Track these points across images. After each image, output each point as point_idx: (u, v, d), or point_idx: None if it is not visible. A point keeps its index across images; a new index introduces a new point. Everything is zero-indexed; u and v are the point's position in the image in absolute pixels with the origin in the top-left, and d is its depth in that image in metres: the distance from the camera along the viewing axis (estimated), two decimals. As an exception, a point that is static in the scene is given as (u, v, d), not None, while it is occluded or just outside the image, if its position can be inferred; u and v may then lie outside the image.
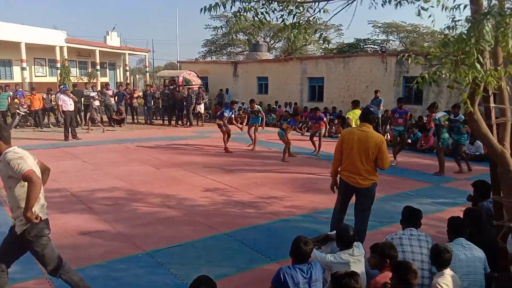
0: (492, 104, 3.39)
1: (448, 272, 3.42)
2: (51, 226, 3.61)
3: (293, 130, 11.52)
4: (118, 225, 5.96)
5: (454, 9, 3.19)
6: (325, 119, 12.48)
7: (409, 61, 3.18)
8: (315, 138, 11.91)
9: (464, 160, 9.98)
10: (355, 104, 10.50)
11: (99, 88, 20.87)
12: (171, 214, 6.48)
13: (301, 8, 3.58)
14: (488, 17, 2.65)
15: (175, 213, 6.53)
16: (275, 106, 21.65)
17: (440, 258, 3.46)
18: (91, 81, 26.65)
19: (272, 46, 39.27)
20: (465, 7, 3.14)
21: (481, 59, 2.82)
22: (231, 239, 5.50)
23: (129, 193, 7.63)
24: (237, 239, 5.49)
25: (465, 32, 2.80)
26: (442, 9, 3.37)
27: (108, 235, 5.59)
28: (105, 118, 18.13)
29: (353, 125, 9.84)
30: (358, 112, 10.00)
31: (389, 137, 14.86)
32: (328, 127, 15.70)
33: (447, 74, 2.92)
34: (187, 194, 7.57)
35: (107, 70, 34.19)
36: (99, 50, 30.94)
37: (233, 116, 12.61)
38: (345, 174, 4.86)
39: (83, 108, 17.81)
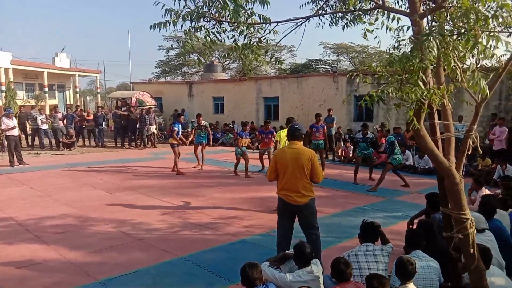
0: (436, 121, 3.55)
1: (411, 286, 3.47)
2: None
3: (246, 142, 11.57)
4: (68, 254, 5.65)
5: (398, 30, 3.36)
6: (275, 133, 12.45)
7: (357, 80, 3.30)
8: (265, 156, 12.11)
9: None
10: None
11: (47, 111, 20.05)
12: (125, 240, 6.24)
13: (251, 29, 3.62)
14: (430, 37, 2.79)
15: (129, 239, 6.30)
16: (232, 125, 21.69)
17: (405, 271, 3.50)
18: (39, 103, 25.58)
19: (227, 67, 39.57)
20: (407, 28, 3.32)
21: (424, 77, 2.96)
22: (189, 263, 5.36)
23: (80, 219, 7.29)
24: (195, 263, 5.35)
25: (409, 52, 2.93)
26: (387, 30, 3.55)
27: (58, 265, 5.28)
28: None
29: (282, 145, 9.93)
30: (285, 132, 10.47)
31: (344, 154, 15.28)
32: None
33: (394, 93, 3.04)
34: (142, 219, 7.34)
35: (56, 92, 32.94)
36: (48, 72, 29.79)
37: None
38: (283, 193, 4.88)
39: (30, 131, 17.04)
